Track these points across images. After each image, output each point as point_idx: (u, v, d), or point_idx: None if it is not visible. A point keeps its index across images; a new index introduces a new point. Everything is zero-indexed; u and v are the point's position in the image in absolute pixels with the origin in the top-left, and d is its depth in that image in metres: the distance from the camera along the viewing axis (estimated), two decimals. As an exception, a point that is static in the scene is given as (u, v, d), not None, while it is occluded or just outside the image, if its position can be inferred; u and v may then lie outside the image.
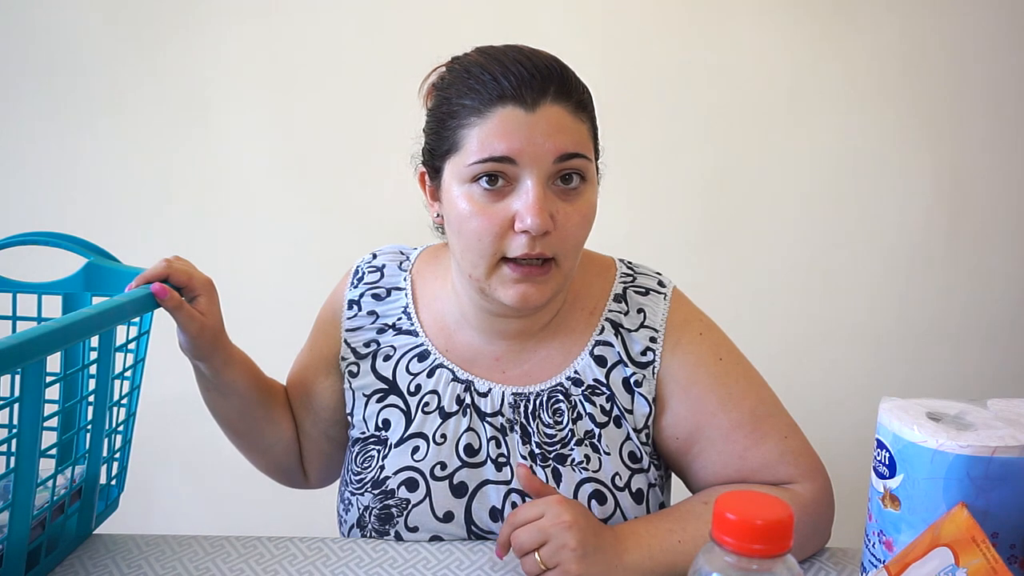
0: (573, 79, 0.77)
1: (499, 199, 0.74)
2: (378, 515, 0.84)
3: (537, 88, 0.73)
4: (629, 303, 0.86)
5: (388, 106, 1.66)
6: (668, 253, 1.66)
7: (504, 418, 0.84)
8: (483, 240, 0.75)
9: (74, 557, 0.80)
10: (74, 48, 1.69)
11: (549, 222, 0.73)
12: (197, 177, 1.73)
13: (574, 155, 0.74)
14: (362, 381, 0.89)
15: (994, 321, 1.76)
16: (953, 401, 0.65)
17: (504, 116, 0.73)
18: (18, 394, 0.63)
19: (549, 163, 0.73)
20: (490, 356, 0.86)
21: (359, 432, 0.89)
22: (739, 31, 1.66)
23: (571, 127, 0.74)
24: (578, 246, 0.78)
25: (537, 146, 0.72)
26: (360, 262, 0.96)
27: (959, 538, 0.55)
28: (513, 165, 0.73)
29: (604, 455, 0.82)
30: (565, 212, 0.75)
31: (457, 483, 0.83)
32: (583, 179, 0.76)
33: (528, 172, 0.73)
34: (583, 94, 0.77)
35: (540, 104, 0.73)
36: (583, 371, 0.84)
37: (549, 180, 0.74)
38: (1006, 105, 1.69)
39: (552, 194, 0.75)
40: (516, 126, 0.73)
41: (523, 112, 0.73)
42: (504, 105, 0.73)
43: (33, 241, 0.85)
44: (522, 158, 0.73)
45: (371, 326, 0.91)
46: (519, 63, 0.74)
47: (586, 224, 0.77)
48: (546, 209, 0.73)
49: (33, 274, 0.87)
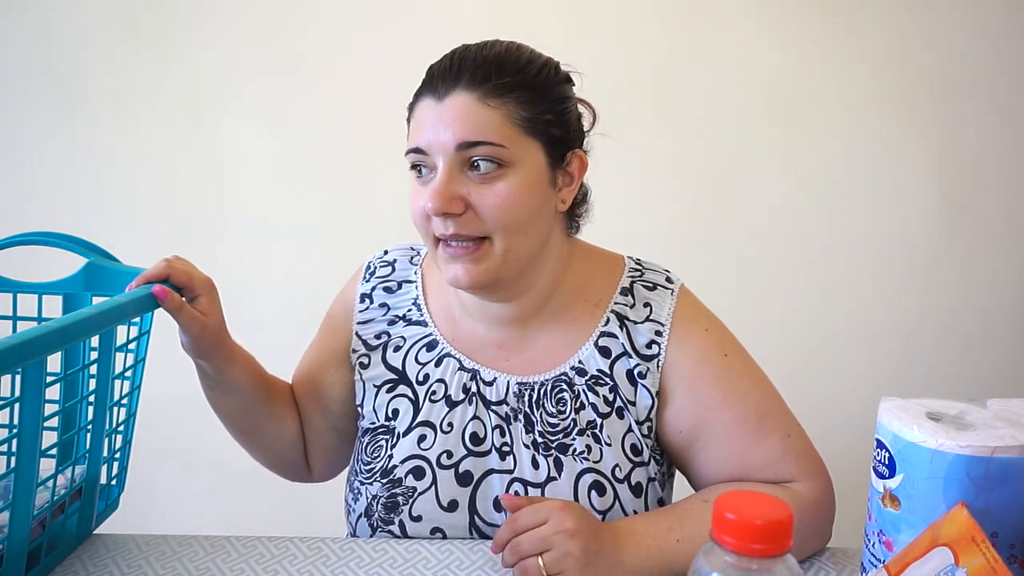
0: (494, 65, 0.77)
1: (425, 184, 0.79)
2: (385, 504, 0.85)
3: (450, 78, 0.77)
4: (636, 297, 0.87)
5: (391, 105, 1.66)
6: (667, 253, 1.66)
7: (508, 407, 0.85)
8: (417, 223, 0.81)
9: (74, 557, 0.80)
10: (75, 48, 1.69)
11: (451, 204, 0.76)
12: (198, 177, 1.73)
13: (476, 143, 0.76)
14: (373, 372, 0.90)
15: (994, 321, 1.76)
16: (953, 401, 0.65)
17: (421, 108, 0.79)
18: (18, 394, 0.63)
19: (451, 151, 0.76)
20: (492, 344, 0.88)
21: (369, 423, 0.90)
22: (739, 32, 1.66)
23: (476, 115, 0.76)
24: (509, 226, 0.78)
25: (440, 135, 0.76)
26: (372, 258, 0.98)
27: (959, 538, 0.55)
28: (426, 156, 0.78)
29: (605, 446, 0.82)
30: (479, 194, 0.77)
31: (463, 472, 0.84)
32: (500, 164, 0.77)
33: (438, 160, 0.77)
34: (507, 78, 0.77)
35: (449, 93, 0.77)
36: (587, 361, 0.85)
37: (460, 167, 0.77)
38: (1005, 105, 1.69)
39: (466, 179, 0.77)
40: (427, 118, 0.78)
41: (434, 103, 0.77)
42: (424, 98, 0.79)
43: (33, 241, 0.85)
44: (431, 148, 0.77)
45: (382, 318, 0.92)
46: (451, 56, 0.79)
47: (507, 206, 0.77)
48: (447, 193, 0.76)
49: (33, 274, 0.87)
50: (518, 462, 0.83)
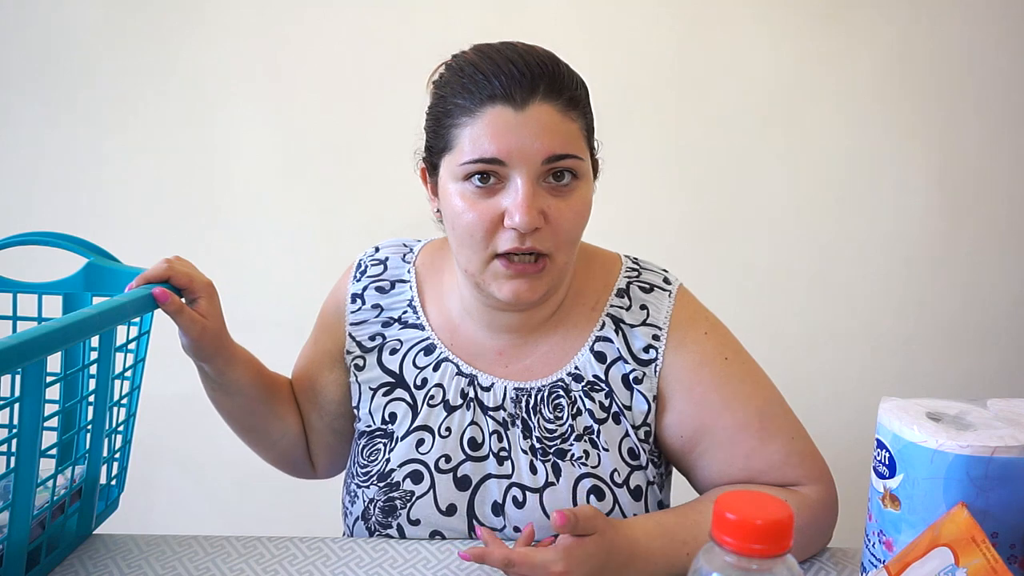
0: (565, 76, 0.76)
1: (490, 195, 0.75)
2: (382, 507, 0.85)
3: (527, 87, 0.73)
4: (632, 299, 0.86)
5: (390, 104, 1.67)
6: (668, 253, 1.66)
7: (506, 412, 0.84)
8: (475, 236, 0.76)
9: (74, 557, 0.80)
10: (75, 48, 1.69)
11: (538, 219, 0.74)
12: (198, 177, 1.73)
13: (563, 156, 0.75)
14: (369, 374, 0.90)
15: (994, 321, 1.76)
16: (953, 401, 0.65)
17: (494, 116, 0.74)
18: (18, 394, 0.63)
19: (538, 164, 0.74)
20: (493, 350, 0.87)
21: (365, 425, 0.90)
22: (739, 33, 1.66)
23: (560, 127, 0.75)
24: (572, 241, 0.78)
25: (526, 147, 0.73)
26: (363, 255, 0.96)
27: (959, 538, 0.55)
28: (503, 166, 0.74)
29: (603, 451, 0.82)
30: (557, 208, 0.75)
31: (461, 476, 0.84)
32: (575, 176, 0.77)
33: (518, 172, 0.74)
34: (575, 90, 0.77)
35: (529, 103, 0.73)
36: (583, 367, 0.85)
37: (539, 178, 0.75)
38: (1004, 106, 1.69)
39: (543, 191, 0.75)
40: (505, 127, 0.73)
41: (512, 112, 0.73)
42: (494, 105, 0.74)
43: (33, 241, 0.85)
44: (511, 159, 0.73)
45: (376, 319, 0.91)
46: (511, 62, 0.74)
47: (579, 220, 0.78)
48: (534, 207, 0.73)
49: (33, 274, 0.87)
50: (516, 467, 0.83)
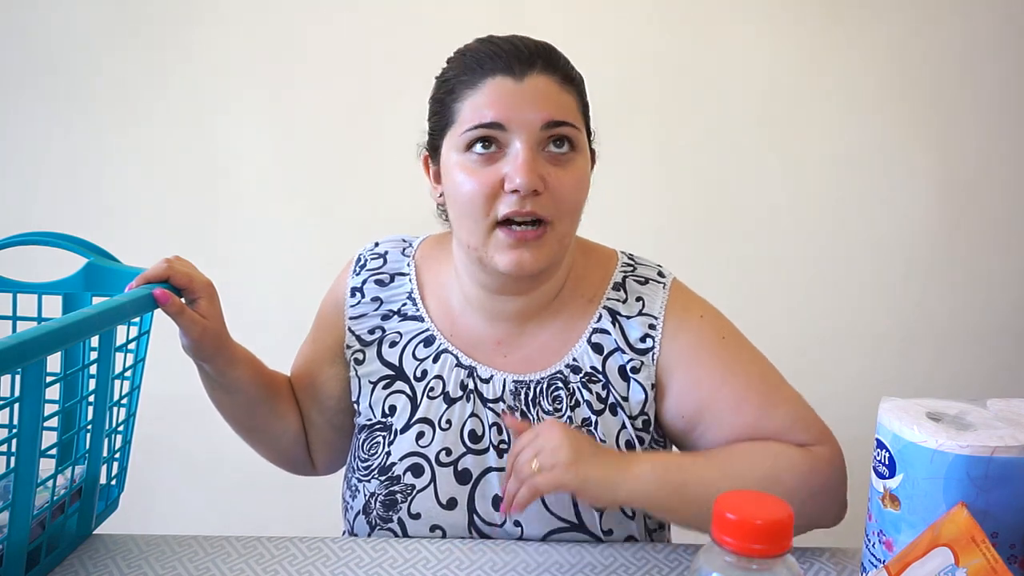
0: (562, 58, 0.81)
1: (491, 163, 0.77)
2: (383, 501, 0.85)
3: (525, 60, 0.77)
4: (628, 291, 0.87)
5: (389, 104, 1.67)
6: (667, 253, 1.65)
7: (505, 404, 0.85)
8: (475, 202, 0.77)
9: (74, 557, 0.80)
10: (74, 48, 1.69)
11: (538, 182, 0.76)
12: (198, 176, 1.73)
13: (561, 123, 0.77)
14: (368, 368, 0.90)
15: (994, 321, 1.76)
16: (953, 401, 0.65)
17: (493, 85, 0.77)
18: (18, 394, 0.63)
19: (537, 129, 0.76)
20: (492, 339, 0.87)
21: (365, 419, 0.90)
22: (739, 33, 1.66)
23: (558, 97, 0.78)
24: (572, 210, 0.80)
25: (525, 112, 0.76)
26: (362, 250, 0.97)
27: (959, 538, 0.55)
28: (503, 131, 0.76)
29: (600, 443, 0.83)
30: (556, 176, 0.77)
31: (462, 469, 0.84)
32: (573, 148, 0.79)
33: (517, 137, 0.76)
34: (571, 71, 0.81)
35: (528, 74, 0.77)
36: (580, 358, 0.85)
37: (539, 145, 0.77)
38: (1003, 106, 1.69)
39: (543, 159, 0.77)
40: (504, 93, 0.77)
41: (511, 81, 0.77)
42: (494, 76, 0.77)
43: (33, 241, 0.85)
44: (511, 124, 0.76)
45: (375, 312, 0.91)
46: (510, 42, 0.79)
47: (578, 189, 0.80)
48: (535, 170, 0.76)
49: (33, 274, 0.86)
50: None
